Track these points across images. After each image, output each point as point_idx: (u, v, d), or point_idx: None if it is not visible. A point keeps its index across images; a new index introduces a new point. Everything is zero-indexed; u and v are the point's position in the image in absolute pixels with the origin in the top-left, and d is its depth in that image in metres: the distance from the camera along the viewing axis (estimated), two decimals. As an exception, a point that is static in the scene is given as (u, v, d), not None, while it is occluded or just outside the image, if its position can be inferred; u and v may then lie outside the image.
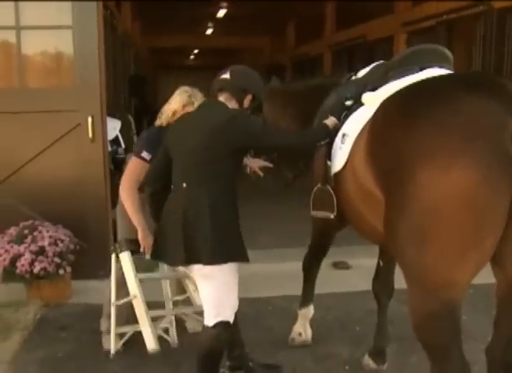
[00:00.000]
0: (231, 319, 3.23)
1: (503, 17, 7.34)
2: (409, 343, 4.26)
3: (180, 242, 3.09)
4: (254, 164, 4.07)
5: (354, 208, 3.20)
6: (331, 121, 3.44)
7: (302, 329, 4.26)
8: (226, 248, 3.10)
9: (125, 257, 3.81)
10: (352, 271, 5.82)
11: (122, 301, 3.81)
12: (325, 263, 5.33)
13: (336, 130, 3.40)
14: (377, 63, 3.73)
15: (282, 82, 4.84)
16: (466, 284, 2.52)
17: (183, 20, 16.83)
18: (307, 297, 4.27)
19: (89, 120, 5.38)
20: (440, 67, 3.23)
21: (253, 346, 4.23)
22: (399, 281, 4.00)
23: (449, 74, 3.05)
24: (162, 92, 26.14)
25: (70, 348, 4.16)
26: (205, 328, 3.23)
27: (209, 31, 20.79)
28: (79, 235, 5.30)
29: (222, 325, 3.18)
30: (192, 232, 3.08)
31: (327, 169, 3.49)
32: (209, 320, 3.20)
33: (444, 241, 2.37)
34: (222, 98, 3.30)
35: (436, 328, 2.53)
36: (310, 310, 4.28)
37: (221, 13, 16.60)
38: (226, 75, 3.32)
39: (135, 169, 3.88)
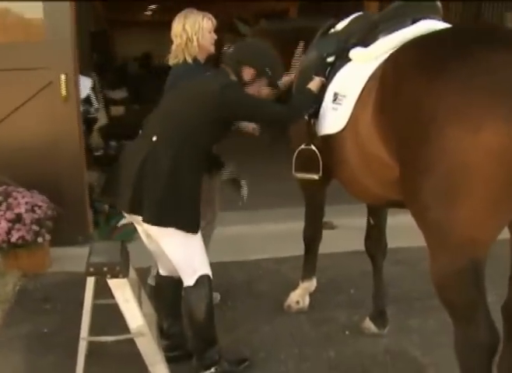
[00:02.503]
0: (209, 272, 3.12)
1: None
2: (406, 305, 4.22)
3: (129, 189, 3.01)
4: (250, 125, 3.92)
5: (350, 170, 3.06)
6: (316, 84, 3.28)
7: (300, 298, 4.13)
8: (172, 213, 2.97)
9: (125, 285, 3.14)
10: (338, 231, 5.70)
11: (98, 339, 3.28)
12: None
13: (323, 88, 3.25)
14: (357, 15, 3.52)
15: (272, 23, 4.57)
16: (492, 241, 2.44)
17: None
18: (310, 269, 4.14)
19: (63, 77, 5.04)
20: (433, 19, 3.02)
21: (246, 313, 4.12)
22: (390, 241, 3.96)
23: (465, 27, 2.89)
24: (119, 51, 25.38)
25: (56, 322, 3.93)
26: (187, 290, 3.11)
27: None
28: (55, 199, 5.01)
29: (203, 279, 3.09)
30: (143, 185, 2.97)
31: (312, 128, 3.34)
32: (188, 280, 3.10)
33: (475, 198, 2.27)
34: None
35: (463, 285, 2.44)
36: (313, 283, 4.15)
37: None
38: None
39: None
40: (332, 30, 3.53)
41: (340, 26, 3.48)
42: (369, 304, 3.95)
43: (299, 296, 4.13)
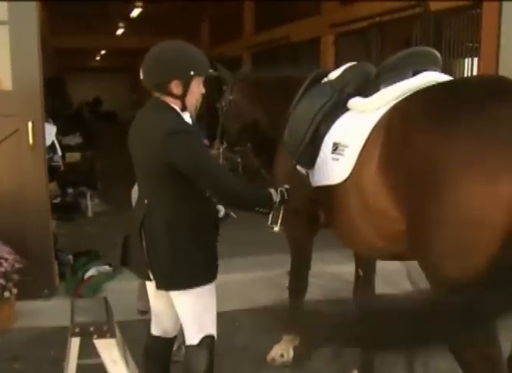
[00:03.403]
0: (215, 333, 3.02)
1: (440, 19, 7.35)
2: (391, 356, 4.14)
3: (138, 256, 2.90)
4: None
5: (350, 221, 2.99)
6: (275, 195, 2.97)
7: (285, 351, 4.03)
8: (176, 276, 2.85)
9: (113, 345, 3.04)
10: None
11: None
12: (280, 272, 5.14)
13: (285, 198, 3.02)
14: (350, 64, 3.53)
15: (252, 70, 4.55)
16: None
17: (93, 20, 16.24)
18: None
19: (30, 125, 4.87)
20: (434, 70, 3.06)
21: (230, 368, 3.98)
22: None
23: (473, 79, 2.91)
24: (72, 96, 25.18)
25: (29, 383, 3.72)
26: (188, 349, 2.97)
27: (120, 31, 20.17)
28: (20, 251, 4.78)
29: (207, 340, 2.96)
30: (147, 251, 2.86)
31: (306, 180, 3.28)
32: (192, 338, 2.96)
33: (489, 251, 2.22)
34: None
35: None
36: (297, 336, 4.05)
37: (135, 13, 16.10)
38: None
39: None
40: (325, 79, 3.51)
41: (333, 75, 3.46)
42: (354, 354, 3.87)
43: (284, 349, 4.02)
